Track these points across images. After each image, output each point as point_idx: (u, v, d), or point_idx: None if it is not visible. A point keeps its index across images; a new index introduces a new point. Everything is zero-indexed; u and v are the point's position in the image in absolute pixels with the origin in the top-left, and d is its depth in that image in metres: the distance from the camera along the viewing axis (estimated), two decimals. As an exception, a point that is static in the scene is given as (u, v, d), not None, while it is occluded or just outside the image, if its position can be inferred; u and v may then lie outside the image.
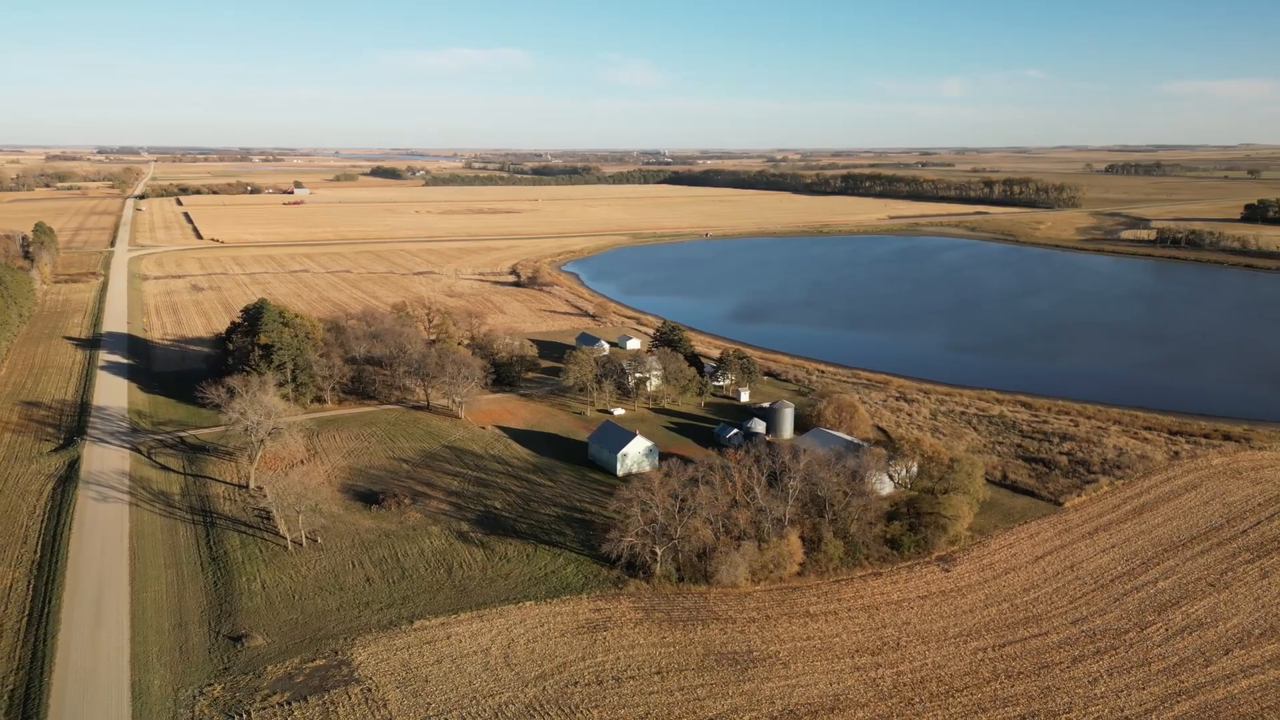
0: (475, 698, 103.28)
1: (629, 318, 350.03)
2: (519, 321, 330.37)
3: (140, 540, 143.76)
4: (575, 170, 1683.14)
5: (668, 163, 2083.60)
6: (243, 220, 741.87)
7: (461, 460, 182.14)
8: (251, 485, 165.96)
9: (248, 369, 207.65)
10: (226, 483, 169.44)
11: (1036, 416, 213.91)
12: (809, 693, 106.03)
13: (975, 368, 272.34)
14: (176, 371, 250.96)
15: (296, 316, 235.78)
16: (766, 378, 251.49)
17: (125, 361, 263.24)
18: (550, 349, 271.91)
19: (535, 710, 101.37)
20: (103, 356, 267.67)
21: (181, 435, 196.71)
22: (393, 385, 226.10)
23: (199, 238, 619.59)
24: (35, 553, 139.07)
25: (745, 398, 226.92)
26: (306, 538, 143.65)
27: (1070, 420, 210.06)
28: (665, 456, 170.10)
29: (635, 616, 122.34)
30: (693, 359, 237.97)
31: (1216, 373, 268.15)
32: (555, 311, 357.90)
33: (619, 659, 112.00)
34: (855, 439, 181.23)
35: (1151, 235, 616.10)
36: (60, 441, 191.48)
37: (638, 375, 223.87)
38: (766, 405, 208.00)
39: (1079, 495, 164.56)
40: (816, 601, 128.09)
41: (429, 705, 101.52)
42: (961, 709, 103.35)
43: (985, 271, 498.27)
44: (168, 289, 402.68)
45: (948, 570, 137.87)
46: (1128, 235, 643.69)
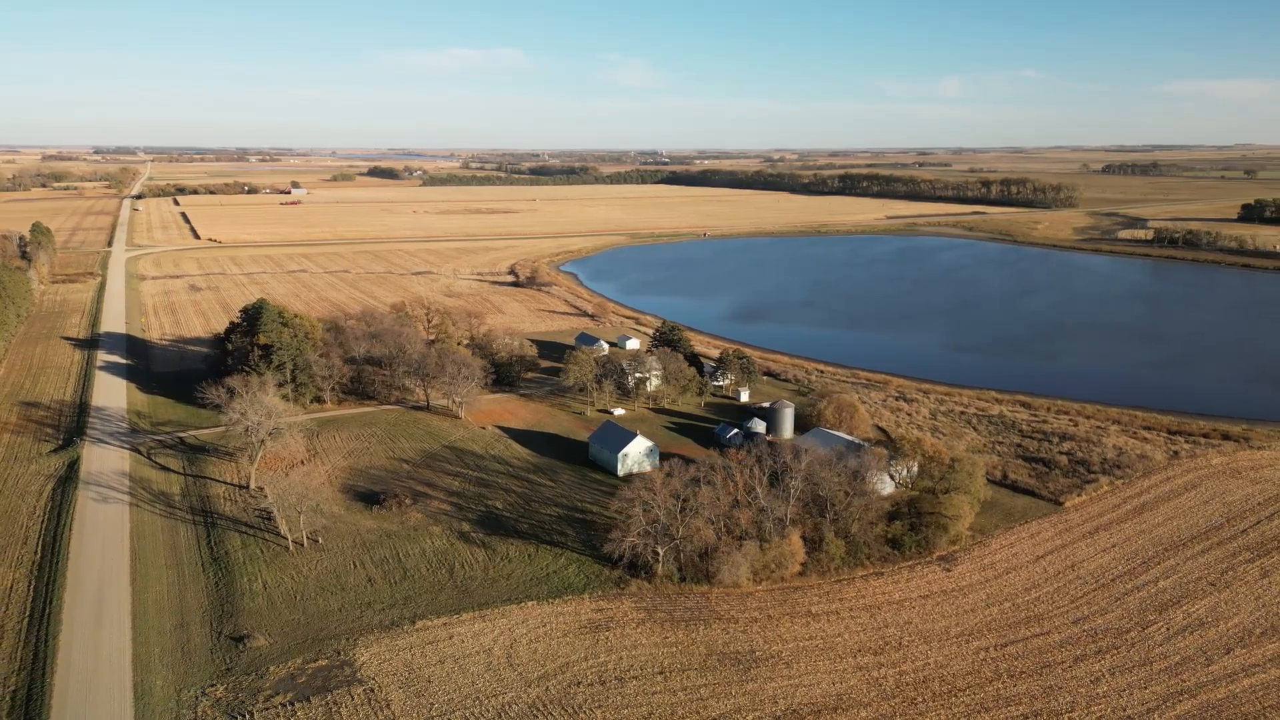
0: (478, 698, 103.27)
1: (628, 318, 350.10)
2: (518, 321, 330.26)
3: (141, 541, 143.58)
4: (573, 170, 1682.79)
5: (665, 163, 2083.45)
6: (240, 220, 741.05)
7: (462, 460, 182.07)
8: (252, 485, 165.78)
9: (247, 369, 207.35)
10: (227, 483, 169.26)
11: (1036, 416, 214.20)
12: (812, 692, 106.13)
13: (974, 367, 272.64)
14: (175, 372, 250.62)
15: (296, 316, 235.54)
16: (766, 377, 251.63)
17: (124, 362, 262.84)
18: (549, 349, 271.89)
19: (538, 710, 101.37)
20: (101, 357, 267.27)
21: (181, 436, 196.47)
22: (392, 385, 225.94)
23: (196, 238, 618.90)
24: (36, 553, 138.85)
25: (745, 398, 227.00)
26: (308, 538, 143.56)
27: (1069, 420, 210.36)
28: (666, 456, 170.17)
29: (637, 616, 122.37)
30: (692, 359, 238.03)
31: (1215, 372, 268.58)
32: (554, 311, 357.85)
33: (621, 659, 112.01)
34: (856, 439, 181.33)
35: (1149, 235, 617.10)
36: (59, 442, 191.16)
37: (638, 375, 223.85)
38: (766, 405, 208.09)
39: (1079, 495, 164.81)
40: (818, 601, 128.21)
41: (432, 705, 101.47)
42: (964, 708, 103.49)
43: (983, 271, 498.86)
44: (166, 289, 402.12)
45: (949, 570, 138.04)
46: (1125, 235, 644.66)
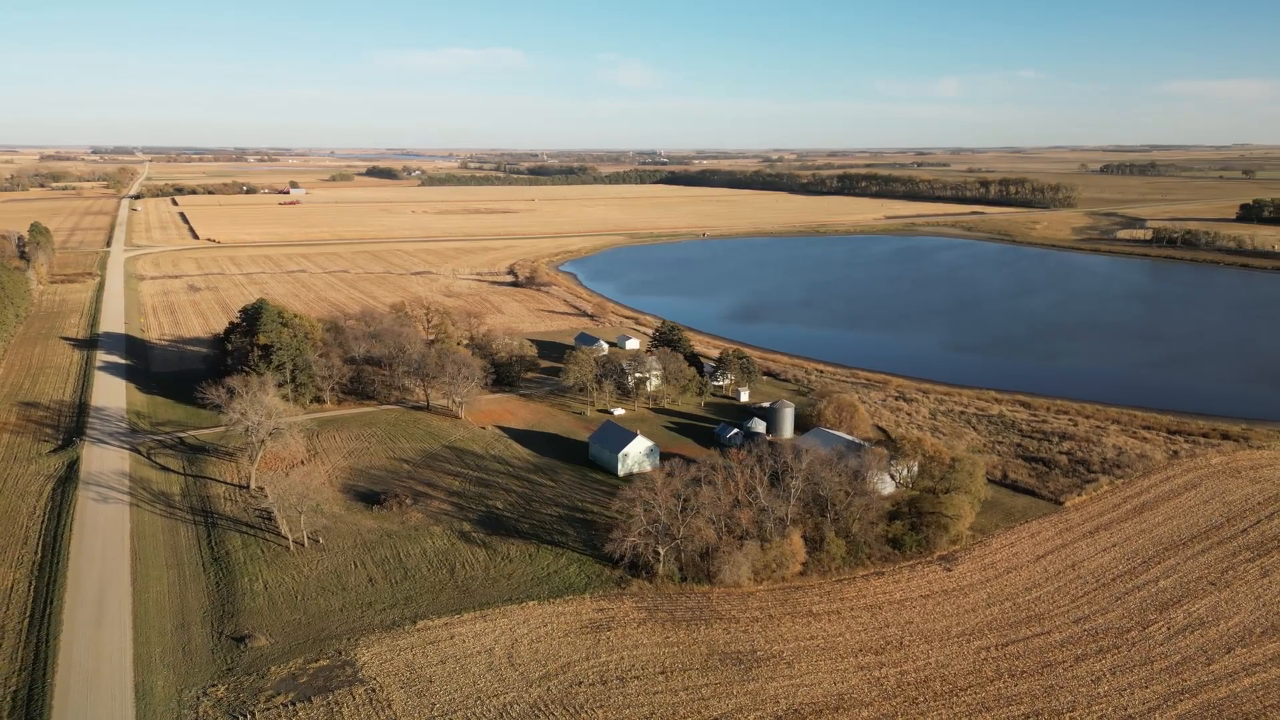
0: (480, 698, 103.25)
1: (627, 318, 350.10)
2: (517, 321, 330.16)
3: (141, 541, 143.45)
4: (571, 170, 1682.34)
5: (664, 163, 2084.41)
6: (239, 220, 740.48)
7: (462, 460, 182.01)
8: (252, 486, 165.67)
9: (247, 369, 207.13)
10: (227, 483, 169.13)
11: (1035, 416, 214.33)
12: (813, 692, 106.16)
13: (974, 367, 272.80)
14: (175, 372, 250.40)
15: (295, 316, 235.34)
16: (765, 377, 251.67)
17: (123, 362, 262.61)
18: (549, 349, 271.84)
19: (540, 710, 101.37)
20: (100, 357, 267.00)
21: (181, 436, 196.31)
22: (392, 385, 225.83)
23: (195, 238, 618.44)
24: (36, 554, 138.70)
25: (745, 397, 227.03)
26: (308, 538, 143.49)
27: (1069, 419, 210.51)
28: (666, 456, 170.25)
29: (639, 616, 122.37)
30: (692, 359, 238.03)
31: (1214, 372, 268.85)
32: (553, 311, 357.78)
33: (623, 659, 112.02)
34: (856, 439, 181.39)
35: (1147, 235, 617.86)
36: (59, 442, 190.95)
37: (637, 375, 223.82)
38: (766, 405, 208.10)
39: (1079, 494, 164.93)
40: (819, 601, 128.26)
41: (434, 705, 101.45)
42: (966, 708, 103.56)
43: (982, 271, 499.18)
44: (164, 289, 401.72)
45: (950, 569, 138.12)
46: (1124, 235, 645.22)
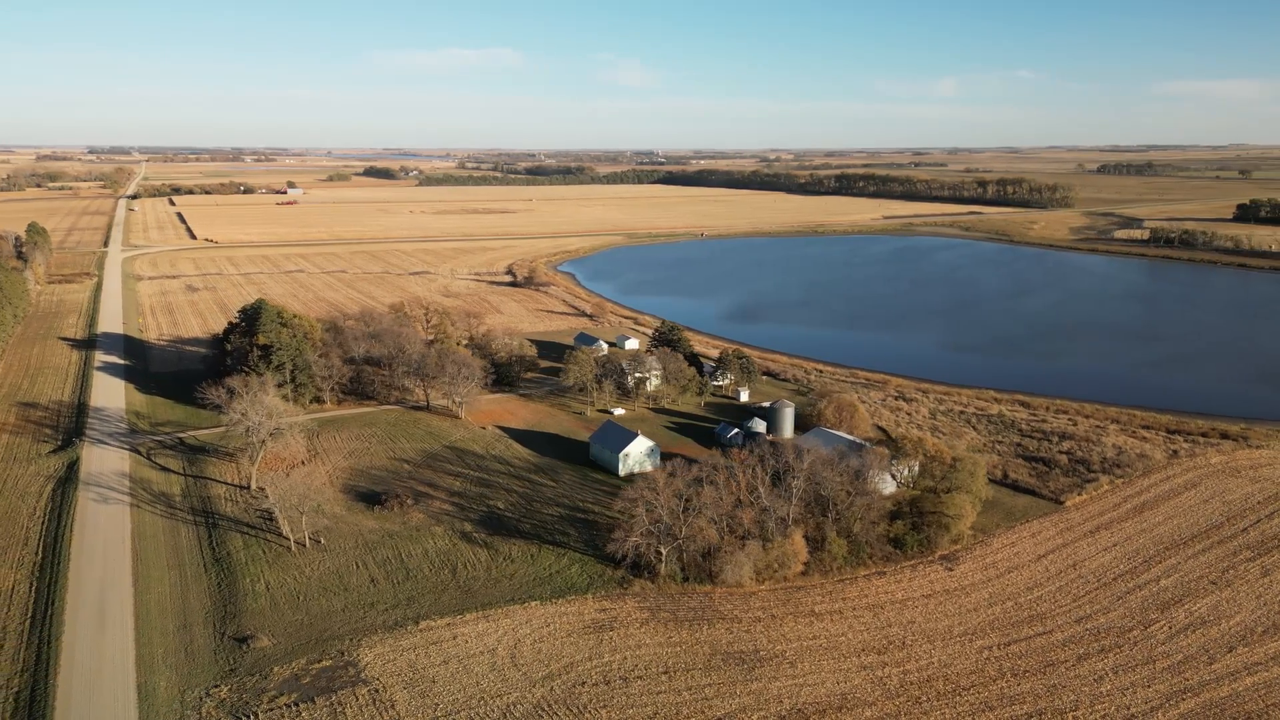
0: (483, 698, 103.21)
1: (626, 317, 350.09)
2: (516, 321, 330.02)
3: (142, 542, 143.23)
4: (569, 170, 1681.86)
5: (661, 163, 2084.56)
6: (236, 220, 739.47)
7: (463, 460, 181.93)
8: (253, 486, 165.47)
9: (247, 369, 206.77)
10: (227, 484, 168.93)
11: (1035, 415, 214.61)
12: (816, 692, 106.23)
13: (973, 367, 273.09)
14: (174, 372, 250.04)
15: (294, 317, 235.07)
16: (765, 377, 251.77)
17: (121, 362, 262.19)
18: (549, 349, 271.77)
19: (543, 710, 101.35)
20: (99, 357, 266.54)
21: (180, 436, 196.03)
22: (392, 385, 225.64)
23: (193, 238, 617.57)
24: (37, 555, 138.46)
25: (745, 397, 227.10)
26: (310, 538, 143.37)
27: (1068, 419, 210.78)
28: (667, 456, 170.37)
29: (641, 616, 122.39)
30: (692, 359, 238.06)
31: (1212, 372, 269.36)
32: (552, 311, 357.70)
33: (626, 659, 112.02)
34: (857, 438, 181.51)
35: (1145, 235, 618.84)
36: (59, 443, 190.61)
37: (637, 375, 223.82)
38: (767, 405, 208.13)
39: (1080, 494, 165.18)
40: (821, 601, 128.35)
41: (437, 706, 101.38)
42: (969, 707, 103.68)
43: (980, 271, 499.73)
44: (162, 289, 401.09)
45: (951, 569, 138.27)
46: (1121, 235, 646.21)
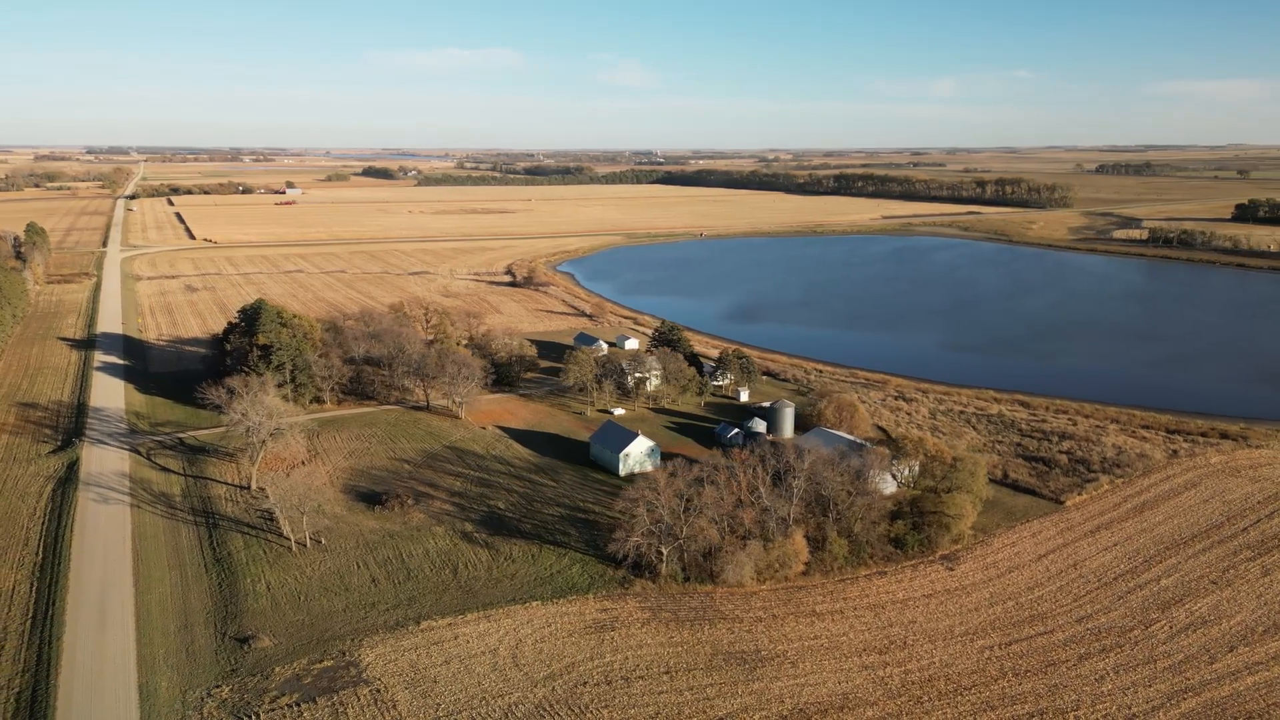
0: (484, 698, 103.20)
1: (626, 317, 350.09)
2: (516, 321, 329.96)
3: (143, 542, 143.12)
4: (568, 170, 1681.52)
5: (660, 163, 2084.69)
6: (235, 220, 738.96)
7: (463, 460, 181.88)
8: (253, 486, 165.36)
9: (246, 369, 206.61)
10: (228, 484, 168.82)
11: (1035, 415, 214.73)
12: (818, 691, 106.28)
13: (972, 367, 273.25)
14: (173, 372, 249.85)
15: (294, 317, 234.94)
16: (765, 377, 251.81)
17: (121, 362, 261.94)
18: (548, 349, 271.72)
19: (545, 710, 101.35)
20: (98, 357, 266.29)
21: (180, 436, 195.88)
22: (392, 385, 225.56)
23: (192, 238, 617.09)
24: (37, 555, 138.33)
25: (745, 397, 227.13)
26: (310, 539, 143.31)
27: (1068, 419, 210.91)
28: (667, 456, 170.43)
29: (642, 616, 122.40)
30: (692, 359, 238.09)
31: (1212, 371, 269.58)
32: (552, 311, 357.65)
33: (627, 659, 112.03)
34: (857, 438, 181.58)
35: (1143, 235, 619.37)
36: (58, 443, 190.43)
37: (637, 375, 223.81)
38: (767, 405, 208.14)
39: (1080, 494, 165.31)
40: (822, 601, 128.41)
41: (439, 706, 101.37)
42: (970, 707, 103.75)
43: (979, 271, 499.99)
44: (162, 289, 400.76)
45: (952, 569, 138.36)
46: (1120, 235, 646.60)
